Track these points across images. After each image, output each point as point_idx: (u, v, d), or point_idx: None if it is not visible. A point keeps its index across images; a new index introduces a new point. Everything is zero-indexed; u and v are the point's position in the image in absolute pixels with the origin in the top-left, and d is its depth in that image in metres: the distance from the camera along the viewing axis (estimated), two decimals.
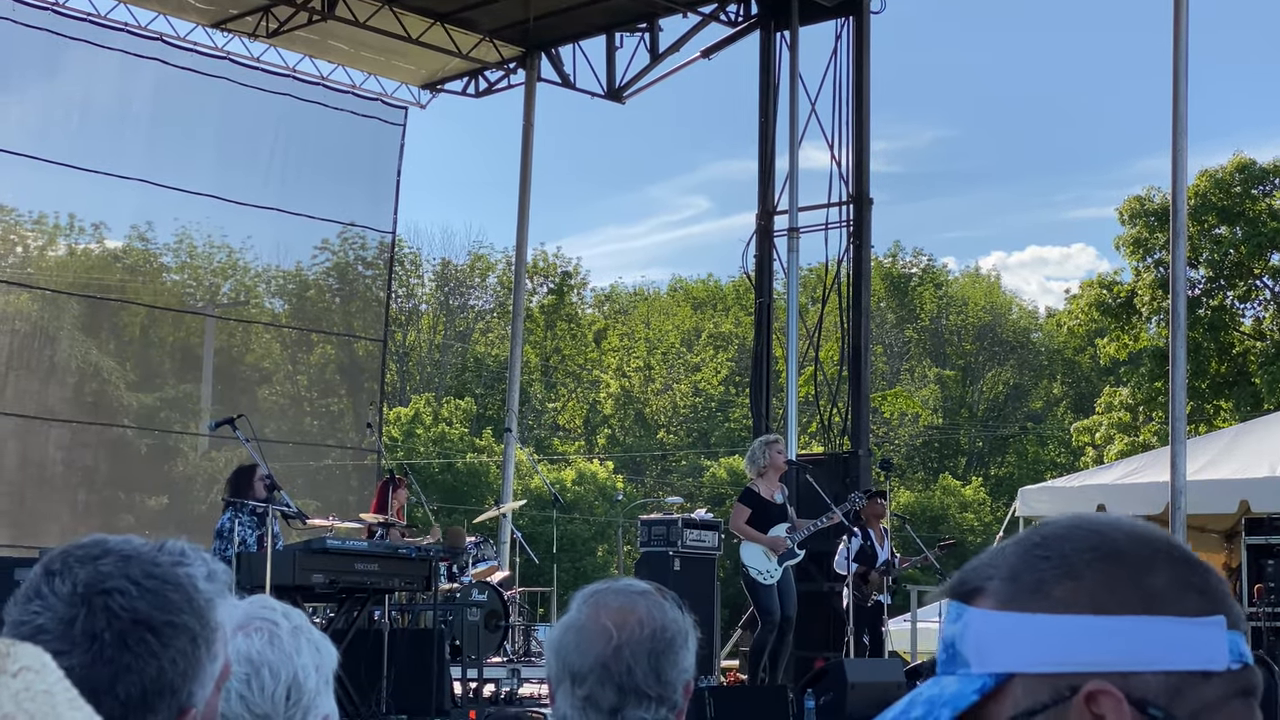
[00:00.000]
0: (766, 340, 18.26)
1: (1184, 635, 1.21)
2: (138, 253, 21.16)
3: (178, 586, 1.62)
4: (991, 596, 1.26)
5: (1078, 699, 1.20)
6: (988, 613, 1.25)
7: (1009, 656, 1.23)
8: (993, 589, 1.26)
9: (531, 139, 21.52)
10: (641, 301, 64.96)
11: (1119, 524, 1.28)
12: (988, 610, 1.25)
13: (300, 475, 20.57)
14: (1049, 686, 1.22)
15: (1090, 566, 1.23)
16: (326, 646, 2.53)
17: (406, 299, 55.89)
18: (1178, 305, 14.58)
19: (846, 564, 14.23)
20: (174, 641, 1.60)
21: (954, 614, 1.29)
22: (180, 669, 1.60)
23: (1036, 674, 1.22)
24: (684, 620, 2.66)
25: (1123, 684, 1.20)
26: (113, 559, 1.63)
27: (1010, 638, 1.23)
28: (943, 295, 62.60)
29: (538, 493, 37.18)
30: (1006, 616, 1.24)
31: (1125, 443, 37.99)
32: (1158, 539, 1.26)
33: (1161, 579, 1.23)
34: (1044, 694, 1.22)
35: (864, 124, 17.93)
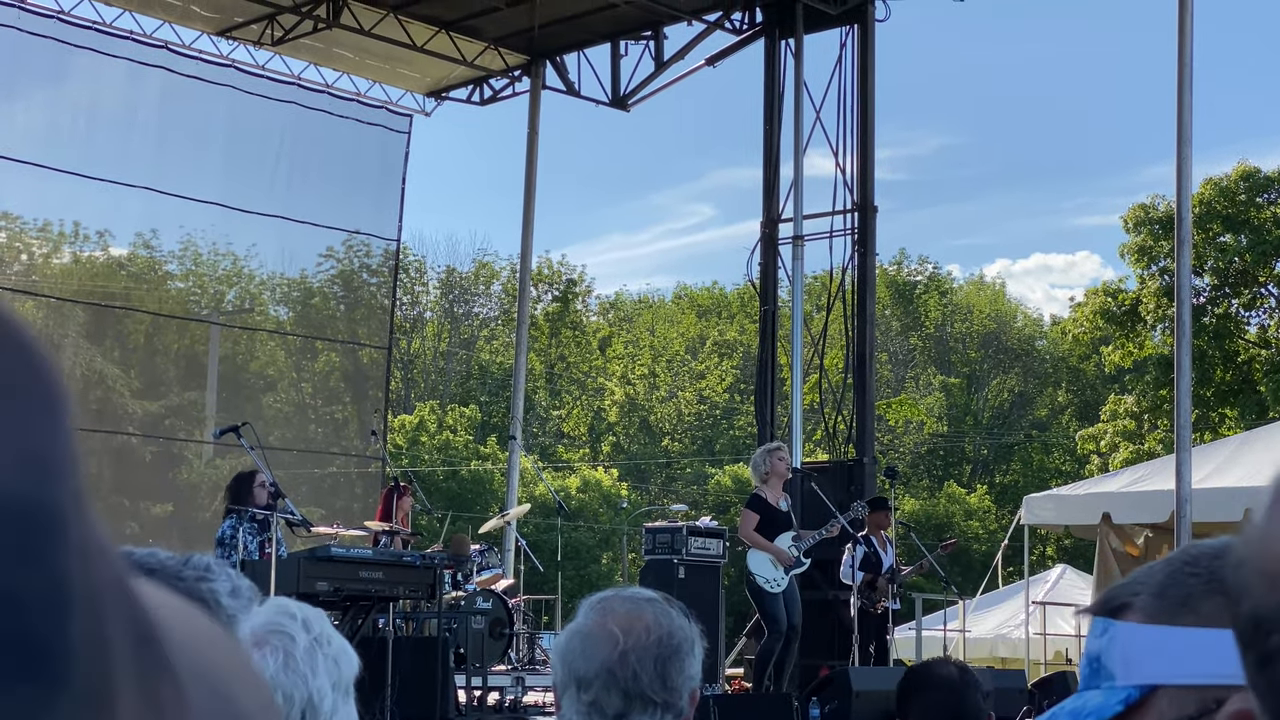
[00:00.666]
0: (771, 348, 18.25)
1: None
2: (142, 260, 21.18)
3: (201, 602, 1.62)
4: (1139, 611, 1.27)
5: (1223, 714, 1.18)
6: (1135, 626, 1.26)
7: (1156, 668, 1.24)
8: (1140, 604, 1.27)
9: (536, 146, 21.52)
10: (646, 309, 64.97)
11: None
12: (1135, 624, 1.26)
13: (305, 483, 20.58)
14: (1195, 699, 1.22)
15: None
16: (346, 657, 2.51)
17: (411, 306, 55.92)
18: (1183, 313, 14.57)
19: (852, 572, 14.22)
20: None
21: (1099, 629, 1.30)
22: None
23: (1183, 686, 1.23)
24: (690, 628, 2.66)
25: None
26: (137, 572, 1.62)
27: (1157, 650, 1.24)
28: (947, 303, 62.60)
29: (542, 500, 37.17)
30: (1154, 630, 1.25)
31: (1130, 450, 37.95)
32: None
33: None
34: (1190, 706, 1.22)
35: (869, 131, 17.93)
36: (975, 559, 46.01)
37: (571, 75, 21.03)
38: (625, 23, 20.09)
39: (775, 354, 18.39)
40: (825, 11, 18.03)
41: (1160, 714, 1.23)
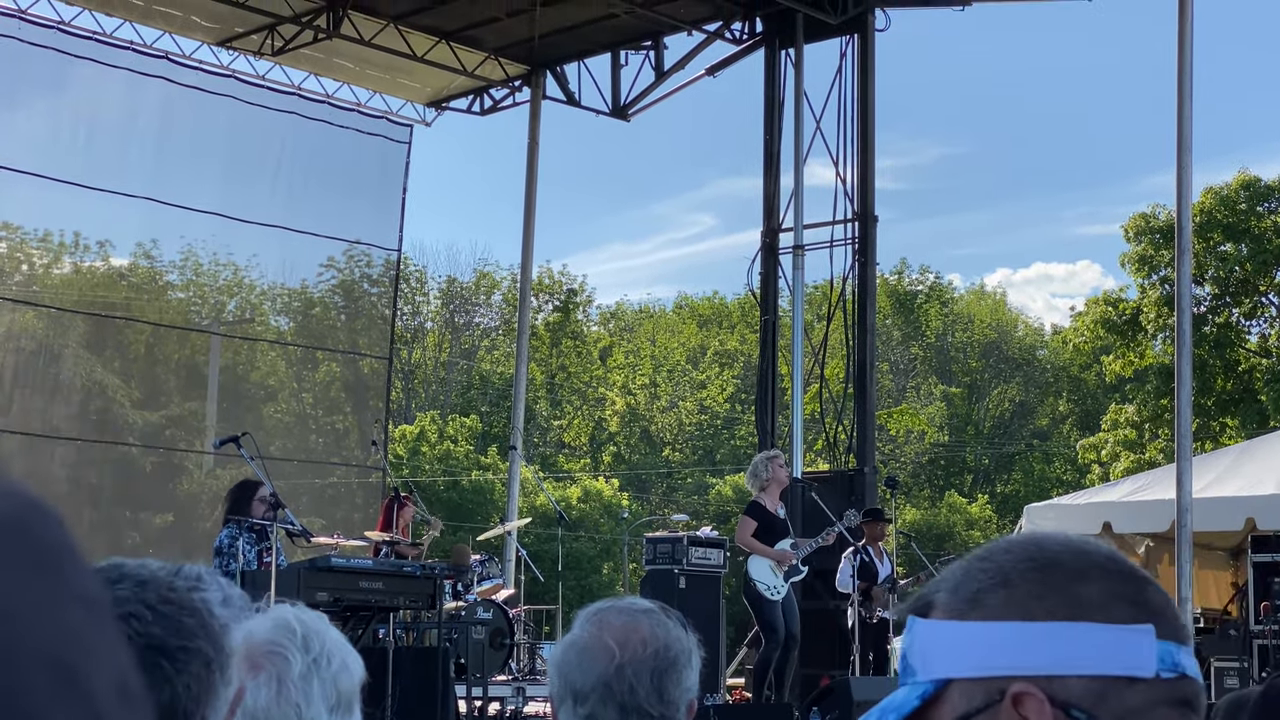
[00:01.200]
0: (772, 357, 18.25)
1: (1109, 641, 1.25)
2: (143, 270, 21.18)
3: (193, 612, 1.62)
4: (938, 608, 1.32)
5: (1005, 701, 1.25)
6: (932, 622, 1.31)
7: (947, 663, 1.29)
8: (939, 601, 1.32)
9: (537, 156, 21.53)
10: (647, 319, 64.98)
11: (1063, 538, 1.33)
12: (932, 621, 1.31)
13: (305, 493, 20.57)
14: (982, 690, 1.26)
15: (1024, 575, 1.28)
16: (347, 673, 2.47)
17: (412, 316, 55.92)
18: (1183, 322, 14.57)
19: (851, 581, 14.20)
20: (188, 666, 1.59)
21: (908, 627, 1.34)
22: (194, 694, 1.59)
23: (971, 678, 1.27)
24: (687, 639, 2.64)
25: (1048, 687, 1.24)
26: (129, 584, 1.63)
27: (949, 645, 1.29)
28: (948, 312, 62.60)
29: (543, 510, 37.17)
30: (947, 625, 1.30)
31: (1131, 460, 37.93)
32: (1097, 551, 1.31)
33: (1093, 588, 1.27)
34: (978, 698, 1.26)
35: (869, 141, 17.94)
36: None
37: (572, 85, 21.05)
38: (625, 33, 20.10)
39: (776, 364, 18.39)
40: (825, 21, 18.04)
41: (953, 706, 1.27)
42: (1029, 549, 1.30)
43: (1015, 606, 1.26)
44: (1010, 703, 1.24)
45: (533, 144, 21.39)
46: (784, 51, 18.60)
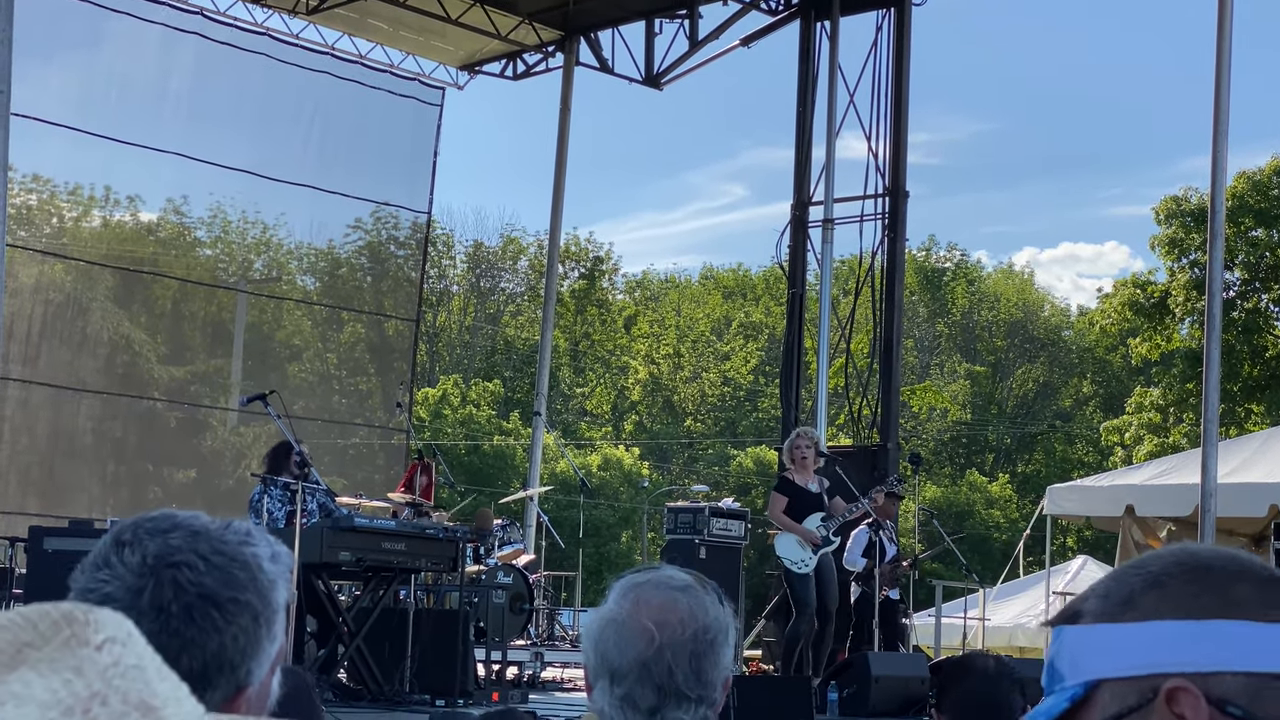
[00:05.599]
0: (798, 331, 18.21)
1: (1266, 638, 1.25)
2: (172, 226, 21.21)
3: (244, 565, 1.62)
4: (1088, 615, 1.32)
5: (1159, 699, 1.24)
6: (1082, 628, 1.31)
7: (1098, 664, 1.29)
8: (1088, 608, 1.32)
9: (568, 123, 21.49)
10: (672, 289, 64.92)
11: (1213, 547, 1.35)
12: (1081, 626, 1.31)
13: (328, 453, 20.61)
14: (1135, 690, 1.26)
15: (1176, 578, 1.29)
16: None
17: (438, 280, 55.96)
18: (1213, 307, 14.49)
19: (859, 558, 14.21)
20: (237, 619, 1.60)
21: (1055, 636, 1.35)
22: (241, 646, 1.60)
23: (1123, 678, 1.27)
24: (725, 615, 2.61)
25: (1203, 684, 1.24)
26: (182, 533, 1.63)
27: (1100, 647, 1.29)
28: (975, 290, 62.43)
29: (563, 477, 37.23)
30: (1096, 629, 1.30)
31: (1155, 444, 37.81)
32: (1250, 559, 1.32)
33: (1245, 589, 1.28)
34: (1130, 698, 1.26)
35: (902, 116, 17.85)
36: (996, 548, 45.95)
37: (605, 52, 20.99)
38: (660, 1, 20.03)
39: (802, 337, 18.35)
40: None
41: (1103, 708, 1.27)
42: (1180, 555, 1.32)
43: (1169, 606, 1.27)
44: (1164, 700, 1.24)
45: (564, 110, 21.35)
46: (819, 24, 18.51)
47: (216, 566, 1.61)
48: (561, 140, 21.54)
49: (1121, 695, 1.26)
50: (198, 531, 1.63)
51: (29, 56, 15.61)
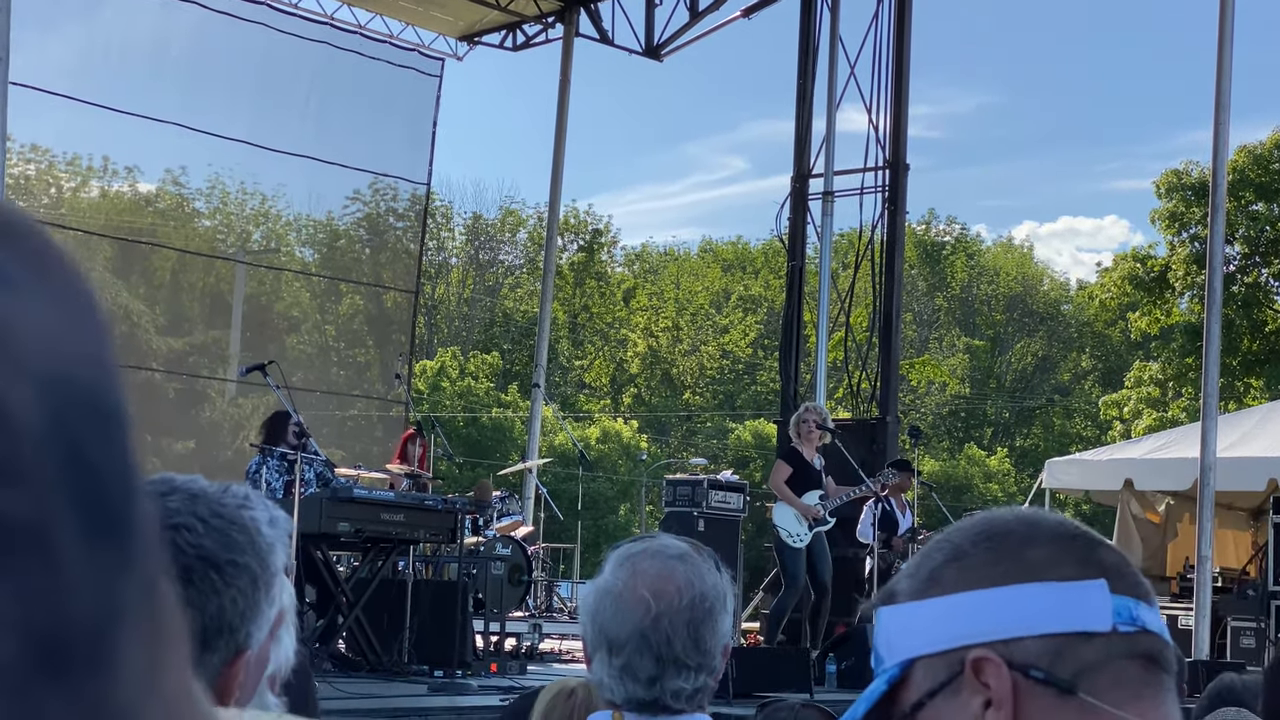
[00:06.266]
0: (797, 304, 18.17)
1: (1059, 598, 1.26)
2: (170, 197, 21.17)
3: (242, 528, 1.62)
4: (901, 595, 1.33)
5: (966, 671, 1.26)
6: (894, 608, 1.33)
7: (909, 643, 1.30)
8: (901, 588, 1.33)
9: (568, 95, 21.42)
10: (672, 261, 64.89)
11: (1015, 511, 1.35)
12: (893, 607, 1.33)
13: (326, 425, 20.60)
14: (944, 665, 1.28)
15: (975, 546, 1.30)
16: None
17: (436, 252, 55.93)
18: (1214, 281, 14.47)
19: (871, 531, 14.19)
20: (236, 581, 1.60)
21: (875, 620, 1.36)
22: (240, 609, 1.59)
23: (932, 654, 1.29)
24: (722, 582, 2.60)
25: (1004, 651, 1.25)
26: (180, 496, 1.63)
27: (910, 626, 1.31)
28: (974, 264, 62.41)
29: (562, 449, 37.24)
30: (907, 608, 1.31)
31: (1153, 418, 37.84)
32: (1047, 519, 1.33)
33: (1041, 551, 1.28)
34: (941, 673, 1.28)
35: (903, 89, 17.78)
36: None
37: (605, 23, 20.90)
38: None
39: (801, 310, 18.31)
40: None
41: (918, 686, 1.29)
42: (980, 524, 1.33)
43: (969, 577, 1.28)
44: (970, 671, 1.25)
45: (564, 82, 21.28)
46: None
47: (215, 529, 1.60)
48: (561, 112, 21.47)
49: (933, 671, 1.28)
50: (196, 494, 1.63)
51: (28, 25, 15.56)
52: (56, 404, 0.50)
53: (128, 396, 0.56)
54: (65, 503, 0.49)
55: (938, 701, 1.27)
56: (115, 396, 0.54)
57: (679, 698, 2.54)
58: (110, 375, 0.55)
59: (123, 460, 0.53)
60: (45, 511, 0.48)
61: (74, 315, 0.54)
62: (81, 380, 0.53)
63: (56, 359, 0.51)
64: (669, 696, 2.54)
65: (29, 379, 0.50)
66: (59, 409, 0.50)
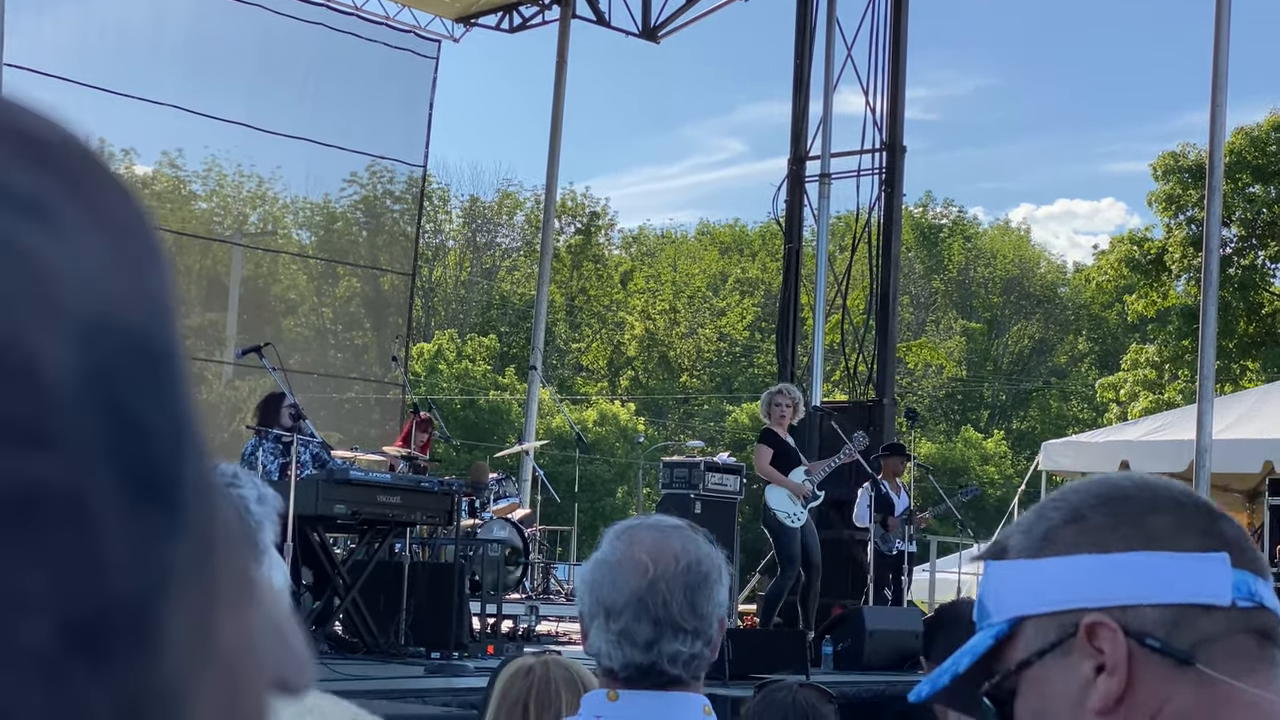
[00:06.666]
0: (794, 287, 18.16)
1: (1182, 570, 1.26)
2: (167, 179, 21.16)
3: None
4: (1012, 551, 1.33)
5: (1079, 634, 1.26)
6: (1005, 564, 1.33)
7: (1020, 601, 1.30)
8: (1013, 544, 1.33)
9: (564, 77, 21.39)
10: (669, 244, 64.86)
11: (1134, 476, 1.35)
12: (1006, 562, 1.33)
13: (323, 407, 20.61)
14: (1056, 625, 1.28)
15: (1095, 510, 1.30)
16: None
17: (433, 235, 55.88)
18: (1210, 263, 14.47)
19: (867, 513, 14.20)
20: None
21: (984, 573, 1.37)
22: None
23: (1044, 614, 1.29)
24: (716, 555, 2.64)
25: (1121, 617, 1.25)
26: None
27: (1022, 584, 1.31)
28: (971, 247, 62.40)
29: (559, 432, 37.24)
30: (1019, 564, 1.31)
31: (1150, 400, 37.87)
32: (1169, 487, 1.33)
33: (1164, 519, 1.28)
34: (1051, 633, 1.28)
35: (900, 71, 17.76)
36: (990, 504, 46.06)
37: (602, 5, 20.88)
38: None
39: (798, 293, 18.30)
40: None
41: (1027, 644, 1.29)
42: (1100, 487, 1.32)
43: (1087, 540, 1.28)
44: (1084, 635, 1.25)
45: (561, 63, 21.25)
46: None
47: None
48: (557, 94, 21.44)
49: (1044, 631, 1.28)
50: None
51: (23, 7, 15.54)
52: (98, 353, 0.45)
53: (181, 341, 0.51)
54: (104, 466, 0.45)
55: (1047, 661, 1.27)
56: (168, 341, 0.49)
57: (675, 662, 2.56)
58: (164, 316, 0.49)
59: (173, 412, 0.48)
60: (81, 477, 0.44)
61: (124, 249, 0.48)
62: (129, 324, 0.47)
63: (100, 301, 0.46)
64: (666, 661, 2.56)
65: (66, 326, 0.45)
66: (101, 359, 0.45)
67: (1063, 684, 1.27)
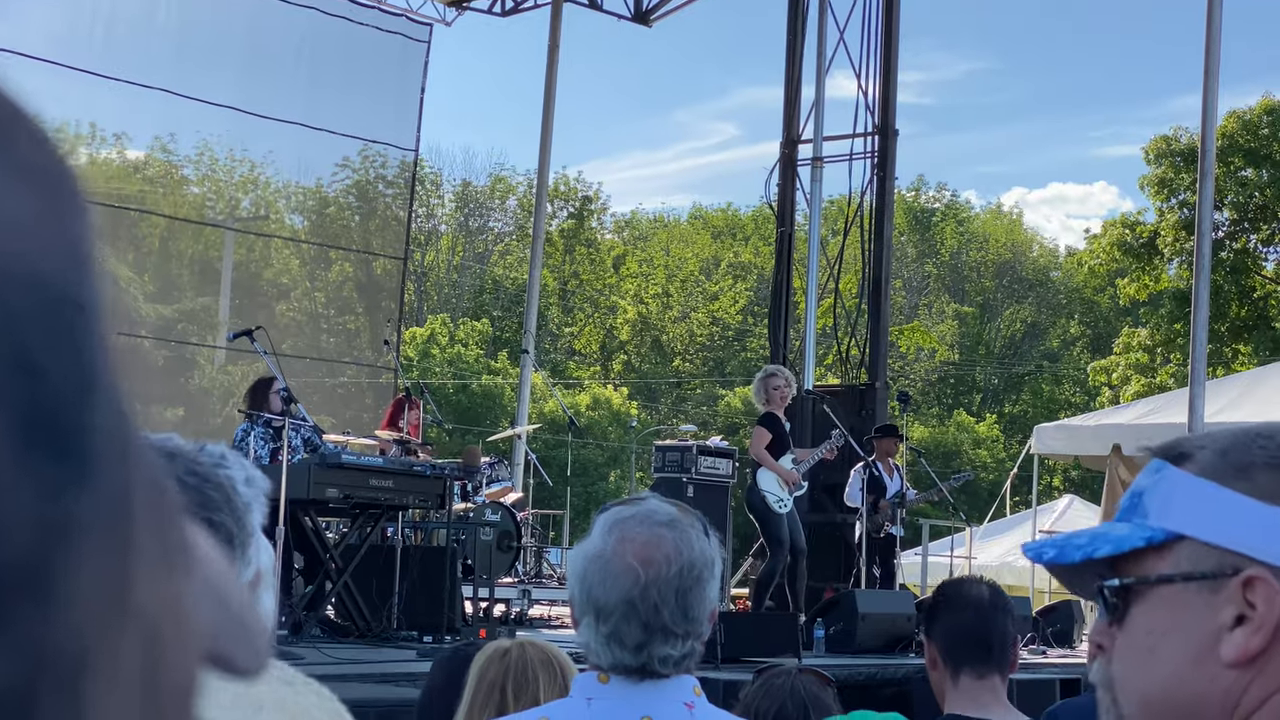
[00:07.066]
0: (786, 270, 18.16)
1: None
2: (159, 164, 21.11)
3: (218, 486, 1.60)
4: (1197, 464, 1.28)
5: (1236, 580, 1.22)
6: (1187, 475, 1.28)
7: (1191, 519, 1.26)
8: (1201, 457, 1.28)
9: (556, 61, 21.35)
10: (661, 228, 64.81)
11: None
12: (1187, 473, 1.28)
13: (316, 391, 20.60)
14: (1215, 558, 1.24)
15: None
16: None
17: (426, 219, 55.81)
18: (1202, 247, 14.48)
19: (860, 495, 14.22)
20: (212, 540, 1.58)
21: (1154, 468, 1.31)
22: None
23: (1208, 543, 1.25)
24: (710, 549, 2.59)
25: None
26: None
27: (1199, 503, 1.26)
28: (964, 231, 62.40)
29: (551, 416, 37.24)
30: (1203, 484, 1.26)
31: (1142, 384, 37.91)
32: None
33: None
34: (1208, 563, 1.24)
35: (892, 54, 17.74)
36: (982, 487, 46.11)
37: None
38: None
39: (790, 277, 18.30)
40: None
41: (1176, 563, 1.25)
42: None
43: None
44: (1241, 583, 1.22)
45: (553, 47, 21.21)
46: None
47: (190, 487, 1.58)
48: (550, 78, 21.41)
49: (1200, 558, 1.24)
50: (172, 453, 1.61)
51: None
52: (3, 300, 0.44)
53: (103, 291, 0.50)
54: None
55: (1190, 588, 1.24)
56: (83, 290, 0.47)
57: (666, 664, 2.55)
58: (81, 265, 0.47)
59: (83, 363, 0.47)
60: None
61: (41, 197, 0.47)
62: (41, 271, 0.45)
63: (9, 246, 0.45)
64: (656, 663, 2.54)
65: None
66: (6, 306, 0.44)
67: (1199, 617, 1.23)
